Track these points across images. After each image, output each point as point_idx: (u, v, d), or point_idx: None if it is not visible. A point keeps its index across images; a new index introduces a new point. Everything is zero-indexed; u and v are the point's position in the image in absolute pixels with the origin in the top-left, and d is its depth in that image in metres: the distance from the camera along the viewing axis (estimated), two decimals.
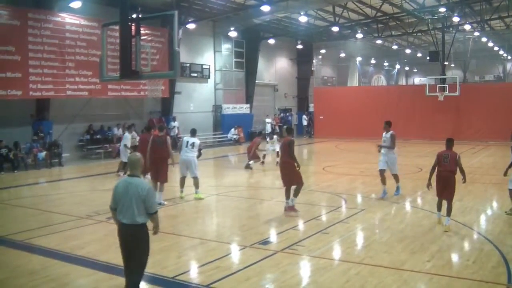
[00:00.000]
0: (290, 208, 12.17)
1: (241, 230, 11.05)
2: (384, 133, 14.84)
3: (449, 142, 11.10)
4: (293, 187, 12.22)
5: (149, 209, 6.32)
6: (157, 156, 13.71)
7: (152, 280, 7.87)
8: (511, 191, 11.97)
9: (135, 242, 6.32)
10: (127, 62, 9.52)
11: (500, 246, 9.32)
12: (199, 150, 14.56)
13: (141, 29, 9.88)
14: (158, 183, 13.67)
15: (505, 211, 12.09)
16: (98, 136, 26.66)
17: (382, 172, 14.44)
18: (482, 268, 8.16)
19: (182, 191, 14.58)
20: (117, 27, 9.73)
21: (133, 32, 9.71)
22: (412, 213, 13.05)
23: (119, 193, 6.33)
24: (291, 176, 12.20)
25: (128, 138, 19.20)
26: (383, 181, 14.41)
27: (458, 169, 10.73)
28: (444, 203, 10.81)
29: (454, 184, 10.75)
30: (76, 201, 14.49)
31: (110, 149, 25.84)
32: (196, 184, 14.42)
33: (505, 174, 12.35)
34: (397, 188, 14.70)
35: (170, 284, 7.79)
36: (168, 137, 15.03)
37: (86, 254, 9.01)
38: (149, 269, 8.20)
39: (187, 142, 14.40)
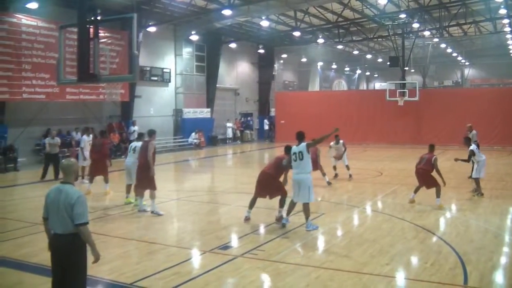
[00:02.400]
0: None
1: (201, 235, 10.93)
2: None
3: (430, 147, 13.92)
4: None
5: (74, 218, 5.71)
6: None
7: (110, 287, 7.71)
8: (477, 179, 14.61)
9: (66, 254, 5.78)
10: (85, 65, 9.36)
11: (457, 248, 9.45)
12: None
13: (101, 31, 9.76)
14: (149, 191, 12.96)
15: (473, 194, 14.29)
16: None
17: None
18: (440, 270, 8.25)
19: (127, 197, 14.21)
20: (75, 29, 9.55)
21: (91, 35, 9.54)
22: (372, 217, 13.16)
23: (50, 202, 5.88)
24: (272, 188, 11.67)
25: (86, 141, 18.67)
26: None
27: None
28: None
29: (429, 177, 13.54)
30: (31, 207, 14.07)
31: (68, 153, 25.33)
32: (129, 190, 14.13)
33: (456, 159, 15.40)
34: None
35: None
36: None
37: (40, 261, 8.71)
38: (107, 275, 8.08)
39: (131, 147, 14.17)
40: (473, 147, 14.95)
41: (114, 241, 10.43)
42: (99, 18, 9.88)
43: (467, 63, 59.94)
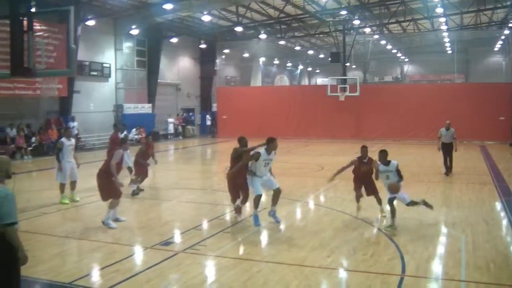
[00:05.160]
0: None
1: (142, 231, 10.78)
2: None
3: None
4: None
5: (1, 218, 5.35)
6: None
7: (47, 287, 7.51)
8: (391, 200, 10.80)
9: None
10: (19, 58, 9.02)
11: (396, 239, 9.69)
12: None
13: (36, 24, 9.42)
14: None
15: (385, 226, 10.77)
16: None
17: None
18: (378, 261, 8.44)
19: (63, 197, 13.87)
20: (7, 21, 9.19)
21: (25, 27, 9.22)
22: (313, 210, 13.33)
23: None
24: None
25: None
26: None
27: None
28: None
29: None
30: None
31: (2, 150, 24.49)
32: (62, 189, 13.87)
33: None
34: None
35: None
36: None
37: None
38: (44, 275, 7.85)
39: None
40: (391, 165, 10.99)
41: (52, 240, 10.15)
42: (33, 10, 9.48)
43: (406, 60, 61.54)
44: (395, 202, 10.75)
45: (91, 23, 30.48)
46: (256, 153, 10.94)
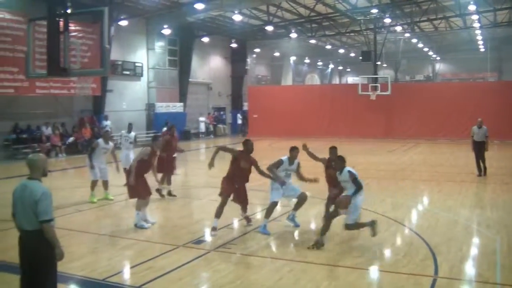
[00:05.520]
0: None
1: (173, 229, 10.86)
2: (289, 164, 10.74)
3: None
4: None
5: (38, 215, 5.53)
6: None
7: (82, 283, 7.65)
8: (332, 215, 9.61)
9: (35, 251, 5.64)
10: (55, 58, 9.19)
11: (428, 240, 9.57)
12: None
13: (72, 25, 9.60)
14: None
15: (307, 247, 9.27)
16: (25, 136, 25.72)
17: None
18: (411, 261, 8.37)
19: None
20: (44, 22, 9.38)
21: (61, 28, 9.38)
22: None
23: (16, 198, 5.72)
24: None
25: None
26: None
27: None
28: None
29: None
30: (0, 204, 13.82)
31: (38, 149, 24.97)
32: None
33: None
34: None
35: (101, 286, 7.56)
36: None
37: (9, 258, 8.46)
38: (78, 272, 7.99)
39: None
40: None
41: (86, 237, 10.35)
42: (69, 11, 9.65)
43: (438, 58, 60.76)
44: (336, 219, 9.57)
45: (123, 23, 30.88)
46: (278, 161, 10.53)
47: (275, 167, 10.46)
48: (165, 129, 16.86)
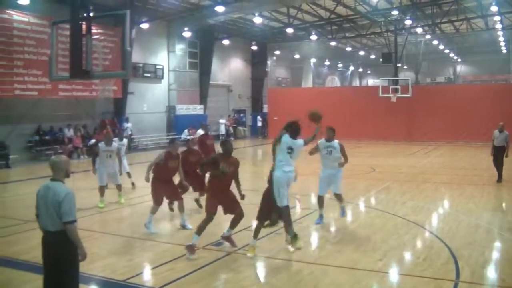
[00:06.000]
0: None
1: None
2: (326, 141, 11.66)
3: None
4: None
5: (62, 216, 5.61)
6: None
7: (102, 284, 7.72)
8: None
9: (58, 252, 5.70)
10: (78, 61, 9.29)
11: (449, 243, 9.49)
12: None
13: (93, 28, 9.69)
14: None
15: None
16: (47, 137, 26.05)
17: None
18: (432, 265, 8.30)
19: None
20: (67, 26, 9.49)
21: (84, 31, 9.49)
22: (364, 212, 13.20)
23: (40, 199, 5.79)
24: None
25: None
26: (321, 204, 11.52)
27: None
28: None
29: None
30: (23, 204, 13.96)
31: (61, 150, 25.27)
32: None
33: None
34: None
35: (122, 287, 7.62)
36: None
37: (32, 259, 8.62)
38: (99, 273, 8.07)
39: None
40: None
41: (107, 238, 10.44)
42: (92, 14, 9.76)
43: (459, 60, 60.12)
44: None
45: (145, 26, 31.12)
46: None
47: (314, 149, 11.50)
48: (200, 130, 16.64)
